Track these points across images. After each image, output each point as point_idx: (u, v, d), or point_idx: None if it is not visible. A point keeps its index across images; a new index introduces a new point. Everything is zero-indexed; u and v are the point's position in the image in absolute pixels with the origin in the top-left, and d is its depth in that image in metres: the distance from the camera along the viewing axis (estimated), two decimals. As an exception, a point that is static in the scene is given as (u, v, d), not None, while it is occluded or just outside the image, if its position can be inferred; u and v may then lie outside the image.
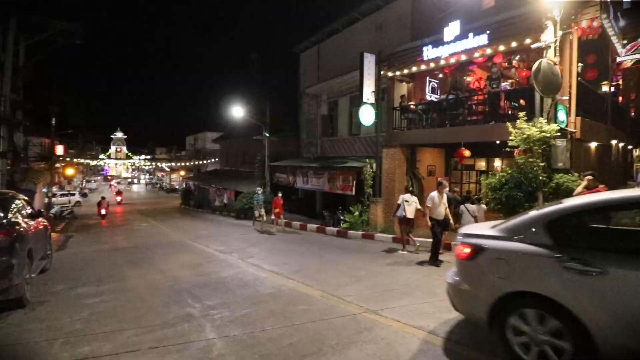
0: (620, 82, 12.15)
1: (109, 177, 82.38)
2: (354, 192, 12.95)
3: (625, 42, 10.06)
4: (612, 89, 10.87)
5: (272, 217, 13.15)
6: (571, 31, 7.93)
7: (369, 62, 12.14)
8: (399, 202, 8.84)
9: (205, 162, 43.60)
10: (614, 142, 11.63)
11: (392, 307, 4.87)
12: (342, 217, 12.46)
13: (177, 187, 54.92)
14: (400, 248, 8.83)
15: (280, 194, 13.08)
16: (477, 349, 3.60)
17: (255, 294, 5.65)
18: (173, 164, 67.24)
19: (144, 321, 4.60)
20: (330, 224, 13.21)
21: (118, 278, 6.99)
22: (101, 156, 78.68)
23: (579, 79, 8.44)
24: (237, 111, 19.18)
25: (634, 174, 12.89)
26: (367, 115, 12.14)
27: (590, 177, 6.00)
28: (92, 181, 66.31)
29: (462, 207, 8.66)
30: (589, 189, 5.84)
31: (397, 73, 11.75)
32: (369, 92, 12.09)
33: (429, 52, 10.51)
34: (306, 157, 18.14)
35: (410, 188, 9.40)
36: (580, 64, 8.80)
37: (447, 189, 7.84)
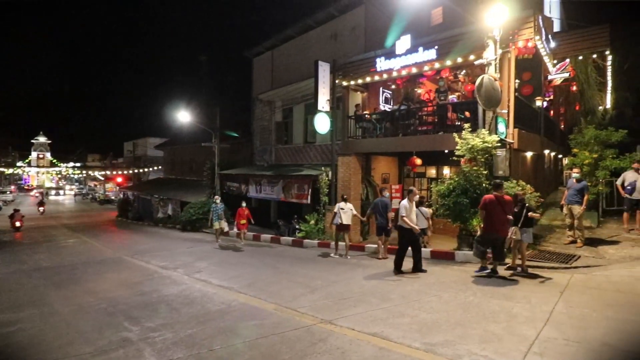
0: (552, 97, 13.43)
1: (26, 187, 72.66)
2: (309, 201, 12.82)
3: (555, 62, 11.13)
4: (545, 103, 11.95)
5: (236, 229, 12.22)
6: (509, 50, 8.58)
7: (324, 71, 12.20)
8: (335, 210, 9.33)
9: (146, 170, 40.46)
10: (546, 151, 12.77)
11: (347, 316, 4.77)
12: (297, 227, 12.24)
13: (113, 197, 50.26)
14: (342, 253, 9.22)
15: (244, 204, 12.21)
16: (431, 351, 3.59)
17: (202, 312, 5.24)
18: (108, 172, 61.33)
19: (72, 350, 4.05)
20: (286, 233, 12.92)
21: (40, 302, 6.14)
22: (19, 163, 70.20)
23: (516, 94, 9.12)
24: (184, 116, 17.93)
25: (564, 180, 14.30)
26: (322, 124, 12.15)
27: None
28: (8, 192, 56.86)
29: (417, 210, 8.97)
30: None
31: (352, 82, 11.91)
32: (324, 100, 12.13)
33: (382, 64, 10.79)
34: (260, 165, 17.71)
35: (345, 197, 9.97)
36: (517, 80, 9.52)
37: (418, 196, 7.79)
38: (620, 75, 14.32)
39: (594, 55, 12.09)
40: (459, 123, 9.69)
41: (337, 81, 12.17)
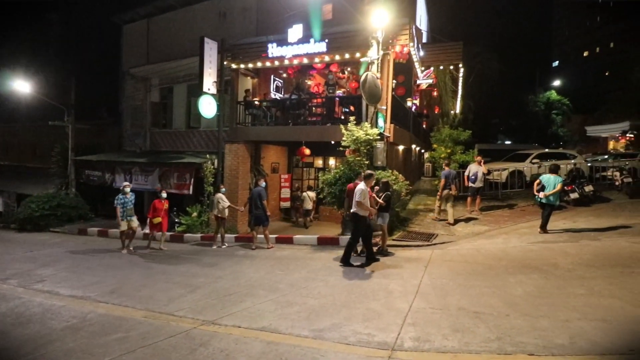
0: (418, 100, 15.51)
1: None
2: (191, 191, 11.72)
3: (422, 69, 12.81)
4: (413, 105, 13.68)
5: (147, 229, 9.17)
6: (389, 52, 9.40)
7: (211, 49, 11.20)
8: (215, 201, 9.02)
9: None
10: (414, 146, 14.70)
11: (233, 313, 4.42)
12: (177, 220, 11.03)
13: None
14: (219, 244, 8.97)
15: (164, 195, 9.17)
16: (319, 337, 3.58)
17: (43, 332, 4.10)
18: None
19: None
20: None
21: None
22: None
23: (393, 93, 10.10)
24: (23, 86, 14.06)
25: (425, 171, 16.87)
26: (208, 107, 11.16)
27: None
28: None
29: (304, 194, 10.94)
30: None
31: (242, 66, 11.32)
32: (210, 82, 11.16)
33: (274, 50, 10.54)
34: (130, 151, 15.36)
35: (221, 186, 9.70)
36: (394, 81, 10.55)
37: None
38: (467, 87, 17.52)
39: (451, 67, 14.40)
40: (345, 116, 10.25)
41: (225, 63, 11.35)
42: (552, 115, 34.00)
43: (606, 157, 15.76)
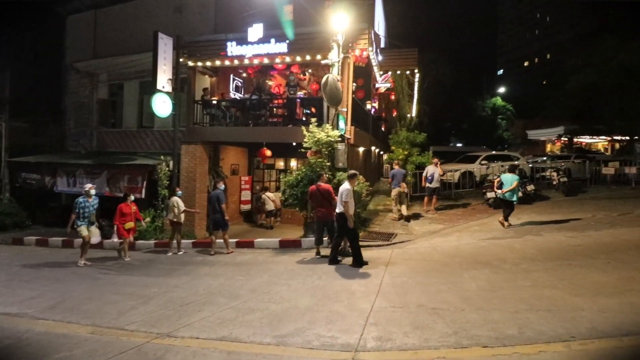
0: (377, 103, 15.93)
1: None
2: (144, 195, 11.03)
3: (381, 73, 13.17)
4: (372, 108, 14.03)
5: (116, 238, 8.30)
6: (349, 55, 9.54)
7: (166, 45, 10.66)
8: (170, 205, 8.64)
9: None
10: (373, 148, 15.06)
11: (190, 324, 4.20)
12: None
13: None
14: (175, 250, 8.55)
15: (132, 197, 8.47)
16: (282, 344, 3.51)
17: (-34, 355, 3.63)
18: None
19: None
20: (110, 235, 10.68)
21: None
22: None
23: (353, 96, 10.27)
24: None
25: (384, 172, 17.41)
26: (162, 106, 10.58)
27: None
28: None
29: (263, 195, 10.90)
30: None
31: (199, 64, 10.91)
32: (164, 79, 10.60)
33: (233, 49, 10.27)
34: (75, 152, 14.16)
35: (177, 189, 9.30)
36: (354, 84, 10.73)
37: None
38: (422, 91, 18.32)
39: (407, 72, 14.96)
40: (306, 118, 10.25)
41: (181, 60, 10.89)
42: (498, 119, 36.75)
43: (545, 158, 17.23)
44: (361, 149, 12.32)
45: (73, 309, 4.99)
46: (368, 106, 12.77)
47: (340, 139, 8.70)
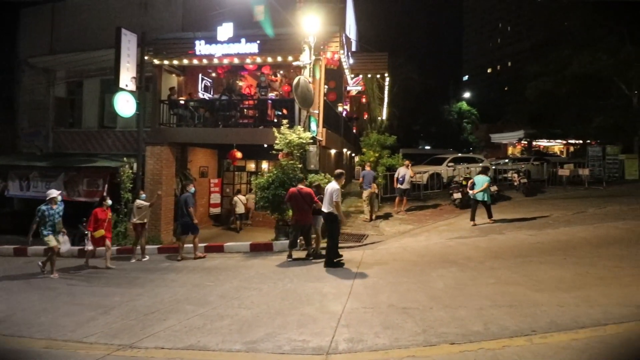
0: (348, 106, 16.10)
1: None
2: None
3: (352, 76, 13.32)
4: (344, 110, 14.15)
5: (89, 246, 7.67)
6: (321, 58, 9.57)
7: (129, 42, 10.21)
8: (134, 209, 8.30)
9: None
10: (345, 150, 15.18)
11: (155, 333, 4.00)
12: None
13: None
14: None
15: (109, 202, 7.92)
16: (252, 350, 3.42)
17: None
18: None
19: None
20: (70, 242, 9.97)
21: None
22: None
23: (324, 98, 10.31)
24: None
25: (356, 174, 17.63)
26: (125, 105, 10.10)
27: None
28: None
29: (235, 198, 10.88)
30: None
31: (166, 62, 10.54)
32: (128, 77, 10.15)
33: (202, 48, 10.02)
34: (29, 153, 13.21)
35: (142, 192, 8.92)
36: (325, 86, 10.78)
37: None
38: (393, 95, 18.72)
39: (378, 76, 15.24)
40: (278, 119, 10.17)
41: (146, 58, 10.47)
42: (464, 123, 38.43)
43: (506, 161, 18.12)
44: (333, 151, 12.39)
45: (25, 322, 4.61)
46: (340, 108, 12.87)
47: (312, 140, 8.69)
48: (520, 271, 5.25)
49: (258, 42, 9.69)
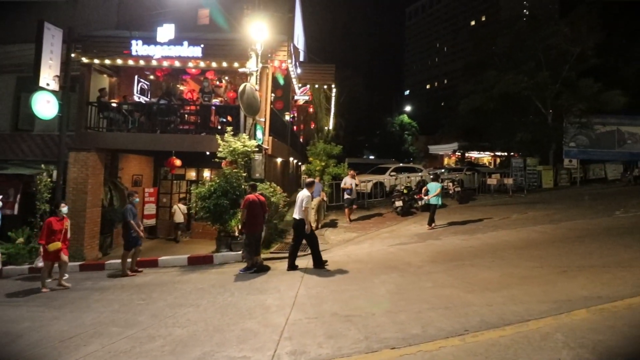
0: (296, 115, 16.14)
1: None
2: (16, 211, 9.17)
3: (300, 85, 13.39)
4: (291, 119, 14.14)
5: (40, 262, 6.85)
6: (268, 66, 9.48)
7: (53, 38, 9.17)
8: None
9: None
10: (291, 159, 15.13)
11: (71, 363, 3.51)
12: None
13: None
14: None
15: (64, 210, 6.86)
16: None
17: None
18: None
19: None
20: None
21: None
22: None
23: (271, 106, 10.19)
24: None
25: (302, 183, 17.68)
26: (45, 106, 8.98)
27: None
28: None
29: (175, 206, 10.81)
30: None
31: (96, 61, 9.69)
32: (50, 76, 9.08)
33: (139, 48, 9.39)
34: None
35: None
36: (272, 94, 10.68)
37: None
38: (339, 106, 19.17)
39: (325, 87, 15.52)
40: (222, 127, 9.81)
41: (73, 55, 9.54)
42: (405, 135, 40.76)
43: (443, 170, 19.42)
44: (279, 160, 12.26)
45: None
46: (287, 117, 12.82)
47: (257, 149, 8.50)
48: (454, 274, 5.55)
49: (202, 45, 9.34)
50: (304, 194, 6.53)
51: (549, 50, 18.82)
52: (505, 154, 27.09)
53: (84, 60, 9.59)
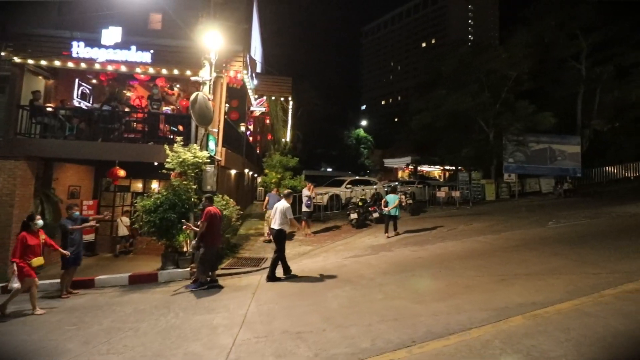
0: (252, 126, 15.91)
1: None
2: None
3: (256, 97, 13.25)
4: (247, 130, 13.91)
5: (15, 283, 5.72)
6: (222, 76, 9.27)
7: (-22, 33, 8.32)
8: None
9: None
10: (246, 170, 14.82)
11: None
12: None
13: None
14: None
15: (40, 223, 6.08)
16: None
17: None
18: None
19: None
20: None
21: None
22: None
23: (225, 117, 9.95)
24: None
25: (258, 195, 17.43)
26: (-34, 108, 8.09)
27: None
28: None
29: (118, 219, 10.14)
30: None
31: (31, 62, 8.88)
32: (-28, 74, 8.19)
33: (80, 50, 8.79)
34: None
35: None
36: (227, 105, 10.44)
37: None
38: (297, 118, 19.25)
39: (282, 99, 15.51)
40: (172, 136, 9.38)
41: (3, 54, 8.67)
42: (361, 148, 41.88)
43: (396, 183, 20.13)
44: (233, 171, 11.94)
45: None
46: (242, 128, 12.59)
47: (209, 160, 8.20)
48: (404, 285, 5.68)
49: (152, 51, 8.95)
50: (284, 204, 6.80)
51: (490, 73, 20.54)
52: (454, 168, 28.81)
53: (17, 59, 8.79)
